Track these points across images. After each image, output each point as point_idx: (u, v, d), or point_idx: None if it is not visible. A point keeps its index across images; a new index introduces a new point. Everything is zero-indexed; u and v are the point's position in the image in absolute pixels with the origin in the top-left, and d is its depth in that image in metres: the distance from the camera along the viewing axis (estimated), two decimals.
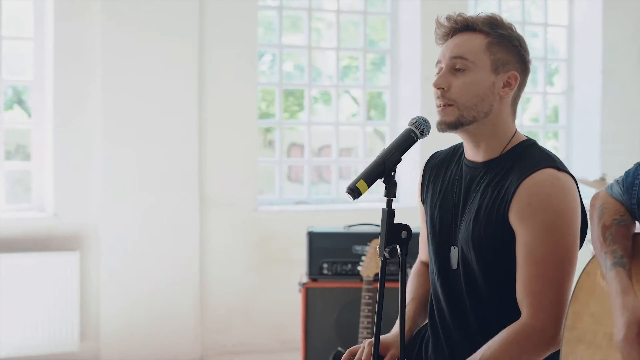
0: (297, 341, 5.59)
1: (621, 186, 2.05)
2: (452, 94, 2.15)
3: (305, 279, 4.23)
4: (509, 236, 2.07)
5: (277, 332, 5.66)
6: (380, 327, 1.99)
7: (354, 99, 6.96)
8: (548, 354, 2.06)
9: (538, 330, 2.01)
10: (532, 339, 2.01)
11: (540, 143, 5.66)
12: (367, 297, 3.92)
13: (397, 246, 1.96)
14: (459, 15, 2.20)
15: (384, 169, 2.00)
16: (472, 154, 2.22)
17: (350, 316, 4.12)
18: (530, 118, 6.99)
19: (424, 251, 2.42)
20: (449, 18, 2.21)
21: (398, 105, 6.26)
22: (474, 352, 2.06)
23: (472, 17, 2.18)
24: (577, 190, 2.09)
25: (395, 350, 2.23)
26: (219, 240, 5.52)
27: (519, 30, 5.52)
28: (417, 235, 2.41)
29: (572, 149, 6.73)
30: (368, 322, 3.87)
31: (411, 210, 5.84)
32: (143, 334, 5.27)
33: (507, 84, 2.16)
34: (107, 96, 5.17)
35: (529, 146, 2.18)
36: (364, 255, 4.04)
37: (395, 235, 1.96)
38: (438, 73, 2.21)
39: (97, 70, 5.16)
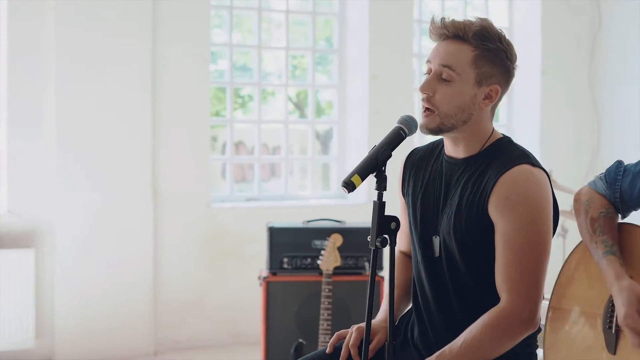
0: (249, 335, 5.70)
1: (604, 182, 2.24)
2: (435, 100, 2.27)
3: (265, 273, 4.33)
4: (488, 227, 2.22)
5: (229, 326, 5.75)
6: (372, 312, 2.10)
7: (289, 97, 7.09)
8: (526, 335, 2.21)
9: (517, 314, 2.16)
10: (511, 322, 2.17)
11: None
12: (327, 290, 4.04)
13: (387, 236, 2.08)
14: (452, 22, 2.29)
15: (376, 164, 2.12)
16: (452, 150, 2.36)
17: (310, 309, 4.23)
18: None
19: (402, 242, 2.55)
20: (442, 21, 2.30)
21: (345, 104, 6.39)
22: (457, 335, 2.21)
23: (463, 27, 2.27)
24: (550, 184, 2.25)
25: (381, 335, 2.36)
26: (173, 236, 5.58)
27: None
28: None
29: None
30: (328, 315, 4.00)
31: (362, 206, 6.02)
32: (97, 330, 5.30)
33: (487, 97, 2.28)
34: (60, 94, 5.19)
35: (505, 143, 2.33)
36: (324, 249, 4.15)
37: (385, 226, 2.08)
38: (427, 72, 2.32)
39: (50, 68, 5.18)
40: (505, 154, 2.27)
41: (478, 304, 2.24)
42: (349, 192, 2.10)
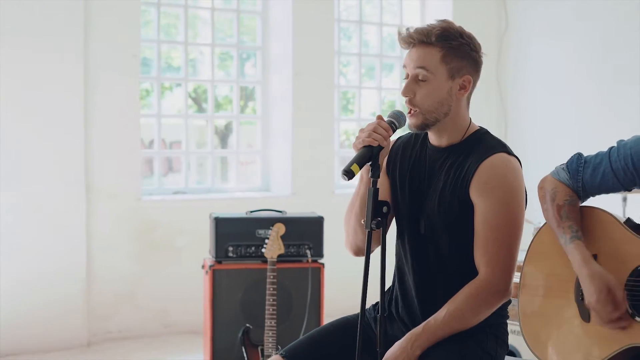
0: (181, 325, 5.86)
1: (567, 172, 2.54)
2: (416, 101, 2.53)
3: (210, 262, 4.49)
4: (469, 208, 2.50)
5: (161, 317, 5.89)
6: (367, 291, 2.31)
7: (189, 94, 7.24)
8: (502, 303, 2.50)
9: (494, 284, 2.45)
10: (490, 292, 2.45)
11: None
12: (271, 277, 4.23)
13: (380, 219, 2.31)
14: (415, 30, 2.56)
15: (372, 155, 2.35)
16: (436, 140, 2.63)
17: (255, 295, 4.42)
18: (370, 112, 7.46)
19: None
20: (407, 31, 2.57)
21: (268, 100, 6.59)
22: (440, 307, 2.47)
23: (427, 32, 2.53)
24: (522, 171, 2.54)
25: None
26: (105, 229, 5.68)
27: (376, 32, 6.17)
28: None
29: None
30: (273, 300, 4.19)
31: (283, 198, 6.20)
32: (32, 322, 5.35)
33: (462, 87, 2.56)
34: None
35: (483, 134, 2.61)
36: (267, 238, 4.34)
37: (378, 210, 2.31)
38: (405, 77, 2.58)
39: None
40: (485, 143, 2.55)
41: (458, 277, 2.51)
42: (349, 179, 2.32)
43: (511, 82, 7.15)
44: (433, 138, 2.63)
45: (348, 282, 6.06)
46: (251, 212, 4.60)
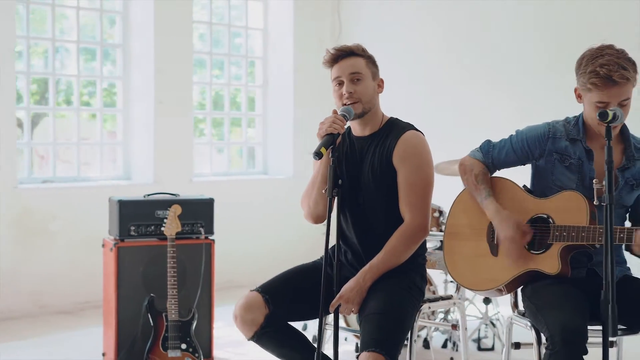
0: (55, 305, 6.27)
1: (481, 152, 3.44)
2: (357, 94, 3.35)
3: (113, 241, 4.96)
4: (394, 173, 3.32)
5: (37, 298, 6.24)
6: (328, 244, 2.99)
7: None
8: (424, 239, 3.34)
9: (417, 224, 3.29)
10: (414, 230, 3.29)
11: (242, 129, 7.18)
12: (172, 252, 4.76)
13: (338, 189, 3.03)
14: (343, 46, 3.40)
15: (333, 140, 3.06)
16: (360, 131, 3.45)
17: (155, 268, 4.93)
18: (234, 107, 8.09)
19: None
20: (336, 48, 3.39)
21: (129, 95, 7.06)
22: (378, 251, 3.27)
23: (354, 47, 3.40)
24: (427, 142, 3.38)
25: None
26: None
27: (224, 31, 6.96)
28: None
29: (268, 134, 7.99)
30: (174, 272, 4.73)
31: (146, 185, 6.68)
32: None
33: (379, 86, 3.45)
34: None
35: (395, 120, 3.46)
36: (166, 218, 4.87)
37: (336, 182, 3.01)
38: (339, 84, 3.36)
39: None
40: (398, 125, 3.41)
41: (389, 229, 3.31)
42: (319, 159, 3.06)
43: None
44: (357, 130, 3.44)
45: (233, 256, 6.75)
46: (148, 195, 5.10)
